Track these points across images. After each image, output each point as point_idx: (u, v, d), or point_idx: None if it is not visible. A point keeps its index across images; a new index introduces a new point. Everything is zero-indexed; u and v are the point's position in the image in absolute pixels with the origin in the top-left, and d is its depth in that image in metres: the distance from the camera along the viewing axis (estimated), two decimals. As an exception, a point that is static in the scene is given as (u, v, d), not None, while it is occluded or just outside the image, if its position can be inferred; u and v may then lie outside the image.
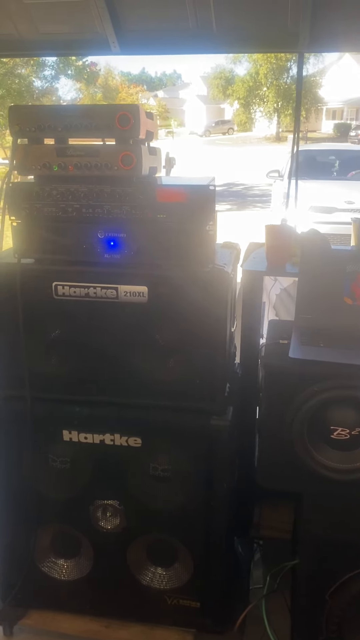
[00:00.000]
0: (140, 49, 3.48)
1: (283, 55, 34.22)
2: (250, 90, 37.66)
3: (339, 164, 9.27)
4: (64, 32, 3.34)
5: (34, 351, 1.74)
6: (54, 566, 2.00)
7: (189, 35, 3.19)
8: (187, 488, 1.80)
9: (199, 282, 1.61)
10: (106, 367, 1.73)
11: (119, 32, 3.18)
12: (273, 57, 34.99)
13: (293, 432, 1.60)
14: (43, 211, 1.62)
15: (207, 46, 3.45)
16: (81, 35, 3.32)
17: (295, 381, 1.56)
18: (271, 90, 36.71)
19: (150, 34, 3.28)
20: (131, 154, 1.54)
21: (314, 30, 3.05)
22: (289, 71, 37.15)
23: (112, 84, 41.06)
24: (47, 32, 3.31)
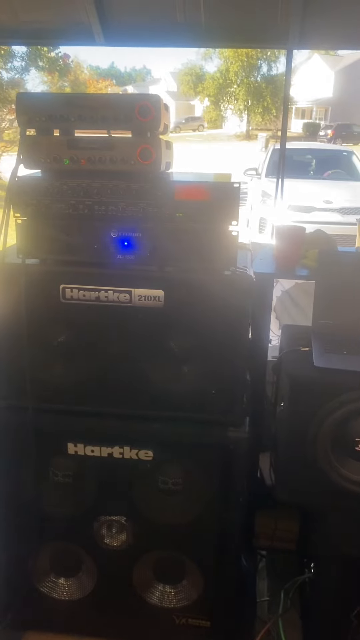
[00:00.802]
0: (125, 41, 3.37)
1: (254, 53, 34.36)
2: (221, 88, 37.64)
3: (315, 163, 9.30)
4: (46, 21, 3.20)
5: (37, 358, 1.61)
6: (54, 586, 1.88)
7: (177, 27, 3.10)
8: (199, 502, 1.70)
9: (220, 286, 1.51)
10: (116, 375, 1.62)
11: (104, 23, 3.06)
12: (244, 55, 35.09)
13: (317, 444, 1.53)
14: (51, 208, 1.49)
15: (194, 39, 3.36)
16: (64, 25, 3.19)
17: (321, 391, 1.49)
18: (241, 88, 36.78)
19: (136, 26, 3.18)
20: (150, 147, 1.43)
21: (304, 27, 3.00)
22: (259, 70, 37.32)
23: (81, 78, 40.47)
24: (28, 20, 3.16)
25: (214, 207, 1.47)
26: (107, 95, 1.43)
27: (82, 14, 2.97)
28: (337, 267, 1.72)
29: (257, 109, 36.91)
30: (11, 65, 14.81)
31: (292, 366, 1.56)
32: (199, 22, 3.00)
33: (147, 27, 3.17)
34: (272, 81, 36.30)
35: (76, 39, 3.29)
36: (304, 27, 2.99)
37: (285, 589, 1.96)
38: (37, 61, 14.83)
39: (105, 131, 1.50)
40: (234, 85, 37.23)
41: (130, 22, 3.12)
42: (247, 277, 1.52)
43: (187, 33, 3.13)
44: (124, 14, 3.05)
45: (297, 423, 1.55)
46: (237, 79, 36.68)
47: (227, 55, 35.51)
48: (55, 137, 1.48)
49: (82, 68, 44.17)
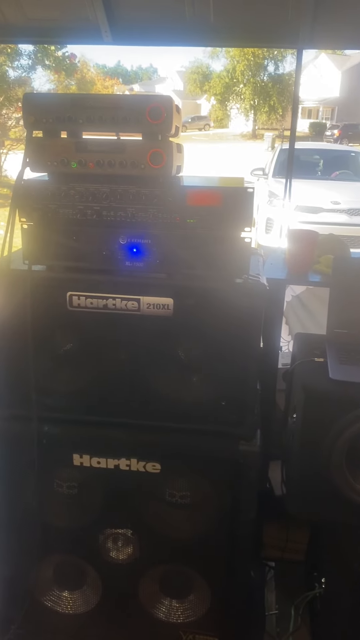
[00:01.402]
0: (133, 40, 3.32)
1: (260, 52, 34.27)
2: (227, 87, 37.57)
3: (323, 164, 9.22)
4: (54, 19, 3.16)
5: (43, 367, 1.56)
6: (58, 599, 1.83)
7: (185, 26, 3.04)
8: (207, 516, 1.66)
9: (232, 295, 1.45)
10: (123, 385, 1.57)
11: (112, 21, 3.02)
12: (250, 54, 35.00)
13: (331, 458, 1.47)
14: (58, 213, 1.44)
15: (203, 38, 3.31)
16: (72, 23, 3.14)
17: (337, 404, 1.43)
18: (248, 87, 36.69)
19: (144, 24, 3.13)
20: (161, 151, 1.38)
21: (314, 26, 2.94)
22: (266, 69, 37.22)
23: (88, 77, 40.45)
24: (35, 18, 3.12)
25: (227, 212, 1.42)
26: (117, 96, 1.38)
27: (89, 12, 2.92)
28: (352, 274, 1.66)
29: (263, 108, 36.82)
30: (18, 64, 14.78)
31: (306, 378, 1.51)
32: (208, 21, 2.95)
33: (155, 25, 3.12)
34: (278, 80, 36.22)
35: (84, 37, 3.24)
36: (314, 26, 2.93)
37: (295, 604, 1.90)
38: (44, 60, 14.77)
39: (113, 133, 1.45)
40: (240, 84, 37.15)
41: (138, 20, 3.07)
42: (260, 285, 1.47)
43: (196, 32, 3.08)
44: (131, 13, 3.00)
45: (310, 436, 1.50)
46: (244, 78, 36.60)
47: (234, 54, 35.43)
48: (62, 139, 1.43)
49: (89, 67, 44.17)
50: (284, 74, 36.62)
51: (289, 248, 1.93)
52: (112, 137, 1.44)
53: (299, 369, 1.58)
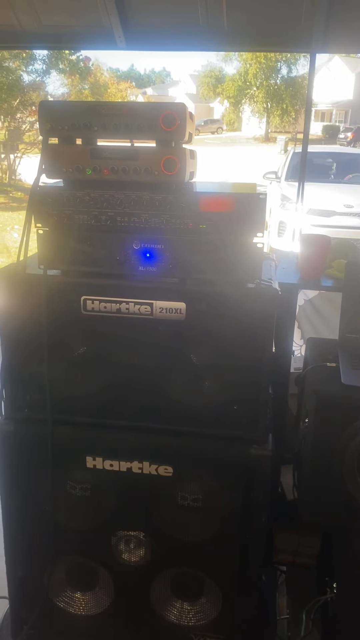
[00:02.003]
0: (147, 45, 3.35)
1: (273, 56, 34.25)
2: (240, 90, 37.59)
3: (336, 167, 9.20)
4: (68, 25, 3.20)
5: (57, 370, 1.58)
6: (70, 600, 1.85)
7: (199, 31, 3.07)
8: (219, 519, 1.66)
9: (244, 299, 1.46)
10: (136, 389, 1.58)
11: (125, 26, 3.05)
12: (263, 57, 35.00)
13: (343, 463, 1.47)
14: (73, 219, 1.47)
15: (216, 43, 3.33)
16: (85, 28, 3.18)
17: (349, 410, 1.43)
18: (261, 90, 36.69)
19: (158, 29, 3.15)
20: (175, 158, 1.39)
21: (328, 30, 2.95)
22: (279, 72, 37.19)
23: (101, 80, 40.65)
24: (49, 24, 3.16)
25: (239, 218, 1.43)
26: (132, 104, 1.39)
27: (104, 17, 2.96)
28: (364, 279, 1.67)
29: (276, 111, 36.80)
30: (32, 68, 14.93)
31: (318, 383, 1.51)
32: (221, 26, 2.97)
33: (168, 31, 3.14)
34: (291, 83, 36.17)
35: (98, 42, 3.28)
36: (327, 30, 2.93)
37: (306, 609, 1.90)
38: (58, 64, 14.90)
39: (127, 140, 1.47)
40: (253, 87, 37.14)
41: (151, 25, 3.10)
42: (272, 290, 1.48)
43: (209, 37, 3.10)
44: (145, 18, 3.03)
45: (322, 441, 1.50)
46: (257, 81, 36.61)
47: (247, 57, 35.45)
48: (78, 146, 1.45)
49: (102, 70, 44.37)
50: (297, 77, 36.58)
51: (301, 253, 1.93)
52: (126, 144, 1.46)
53: (311, 374, 1.58)
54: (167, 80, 67.35)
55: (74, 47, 9.01)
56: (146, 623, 1.80)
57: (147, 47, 3.40)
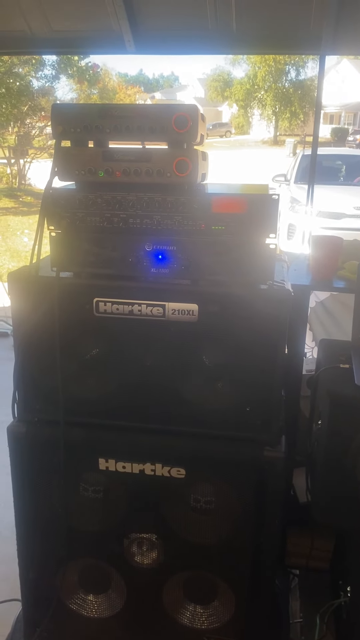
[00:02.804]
0: (156, 49, 3.37)
1: (281, 59, 34.27)
2: (249, 93, 37.63)
3: (345, 169, 9.18)
4: (78, 30, 3.22)
5: (70, 372, 1.59)
6: (83, 603, 1.85)
7: (208, 35, 3.08)
8: (231, 522, 1.65)
9: (257, 301, 1.46)
10: (148, 391, 1.58)
11: (135, 30, 3.06)
12: (271, 60, 35.03)
13: (357, 465, 1.46)
14: (86, 221, 1.47)
15: (225, 46, 3.34)
16: (95, 33, 3.20)
17: (363, 411, 1.43)
18: (269, 93, 36.70)
19: (167, 33, 3.17)
20: (187, 159, 1.39)
21: (337, 32, 2.94)
22: (287, 74, 37.18)
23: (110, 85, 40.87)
24: (60, 29, 3.18)
25: (252, 219, 1.43)
26: (143, 106, 1.40)
27: (113, 22, 2.97)
28: (377, 279, 1.66)
29: (284, 115, 36.79)
30: (42, 74, 15.02)
31: (332, 384, 1.50)
32: (230, 29, 2.98)
33: (178, 34, 3.16)
34: (300, 86, 36.16)
35: (107, 47, 3.30)
36: (337, 32, 2.93)
37: (320, 613, 1.89)
38: (67, 69, 14.98)
39: (139, 142, 1.48)
40: (261, 91, 37.16)
41: (161, 30, 3.11)
42: (285, 291, 1.47)
43: (218, 40, 3.10)
44: (154, 22, 3.05)
45: (336, 443, 1.49)
46: (265, 84, 36.63)
47: (255, 60, 35.49)
48: (90, 148, 1.46)
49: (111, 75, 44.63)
50: (306, 80, 36.57)
51: (312, 254, 1.93)
52: (138, 146, 1.46)
53: (323, 375, 1.57)
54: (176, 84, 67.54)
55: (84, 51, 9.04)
56: (159, 626, 1.80)
57: (157, 51, 3.42)
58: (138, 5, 2.92)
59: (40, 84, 15.24)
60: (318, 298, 2.67)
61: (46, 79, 15.26)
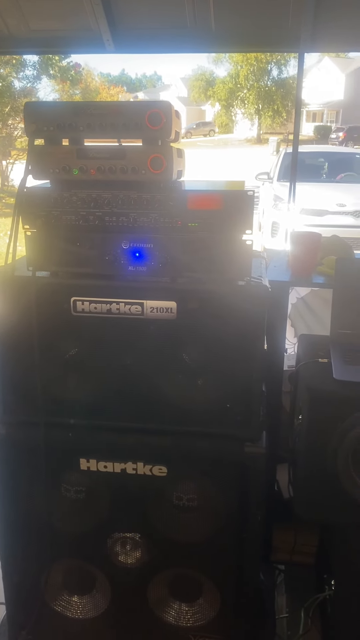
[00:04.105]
0: (135, 48, 3.35)
1: (263, 57, 34.36)
2: (231, 92, 37.68)
3: (327, 166, 9.23)
4: (56, 29, 3.20)
5: (48, 372, 1.57)
6: (67, 604, 1.84)
7: (187, 33, 3.07)
8: (214, 519, 1.65)
9: (235, 297, 1.46)
10: (129, 389, 1.57)
11: (113, 30, 3.05)
12: (253, 59, 35.10)
13: (337, 459, 1.47)
14: (61, 219, 1.46)
15: (205, 45, 3.33)
16: (74, 33, 3.18)
17: (342, 405, 1.43)
18: (252, 92, 36.78)
19: (146, 32, 3.16)
20: (161, 156, 1.39)
21: (315, 29, 2.95)
22: (269, 73, 37.29)
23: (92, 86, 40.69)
24: (38, 29, 3.16)
25: (228, 216, 1.43)
26: (117, 103, 1.39)
27: (92, 22, 2.96)
28: (355, 274, 1.67)
29: (267, 113, 36.89)
30: (23, 75, 14.92)
31: (311, 379, 1.51)
32: (209, 27, 2.97)
33: (156, 33, 3.14)
34: (282, 85, 36.30)
35: (86, 46, 3.28)
36: (315, 29, 2.94)
37: (305, 607, 1.89)
38: (49, 70, 14.91)
39: (115, 140, 1.47)
40: (244, 90, 37.24)
41: (139, 28, 3.10)
42: (263, 287, 1.47)
43: (197, 38, 3.10)
44: (133, 21, 3.03)
45: (316, 437, 1.50)
46: (247, 83, 36.71)
47: (237, 60, 35.56)
48: (64, 146, 1.45)
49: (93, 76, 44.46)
50: (288, 78, 36.70)
51: (292, 250, 1.93)
52: (114, 144, 1.46)
53: (303, 370, 1.58)
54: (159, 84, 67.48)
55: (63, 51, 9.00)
56: (144, 625, 1.79)
57: (136, 50, 3.40)
58: (116, 5, 2.90)
59: (22, 84, 15.16)
60: (299, 294, 2.69)
61: (28, 80, 15.19)
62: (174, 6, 2.89)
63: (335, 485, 1.50)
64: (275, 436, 2.04)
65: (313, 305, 2.73)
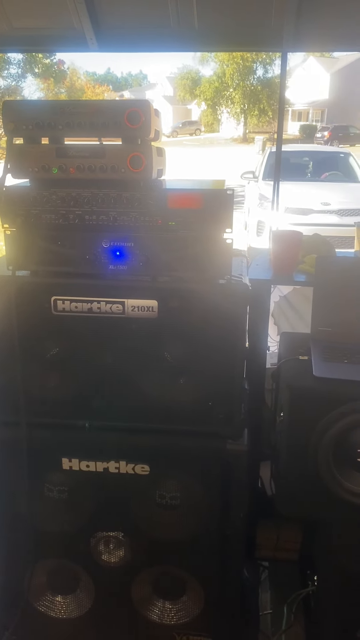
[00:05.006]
0: (119, 46, 3.33)
1: (249, 56, 34.42)
2: (217, 91, 37.71)
3: (312, 165, 9.27)
4: (39, 27, 3.17)
5: (30, 372, 1.57)
6: (51, 604, 1.83)
7: (170, 32, 3.07)
8: (197, 516, 1.66)
9: (215, 295, 1.47)
10: (110, 388, 1.57)
11: (97, 29, 3.04)
12: (239, 58, 35.15)
13: (318, 455, 1.48)
14: (41, 218, 1.46)
15: (188, 44, 3.33)
16: (57, 31, 3.17)
17: (322, 402, 1.44)
18: (238, 91, 36.85)
19: (129, 31, 3.15)
20: (141, 155, 1.39)
21: (298, 29, 2.97)
22: (255, 73, 37.39)
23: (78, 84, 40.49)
24: (21, 27, 3.14)
25: (208, 214, 1.43)
26: (96, 102, 1.38)
27: (75, 20, 2.94)
28: (335, 272, 1.68)
29: (253, 112, 36.99)
30: (7, 73, 14.81)
31: (291, 376, 1.52)
32: (192, 27, 2.97)
33: (140, 32, 3.14)
34: (267, 84, 36.40)
35: (70, 45, 3.26)
36: (298, 29, 2.95)
37: (288, 603, 1.91)
38: (33, 68, 14.82)
39: (96, 139, 1.47)
40: (230, 89, 37.29)
41: (123, 27, 3.09)
42: (243, 285, 1.48)
43: (181, 37, 3.10)
44: (116, 20, 3.02)
45: (297, 434, 1.51)
46: (233, 82, 36.76)
47: (223, 59, 35.58)
48: (43, 145, 1.44)
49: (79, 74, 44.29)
50: (274, 77, 36.81)
51: (273, 249, 1.94)
52: (94, 143, 1.45)
53: (284, 368, 1.59)
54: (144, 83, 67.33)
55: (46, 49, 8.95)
56: (128, 624, 1.80)
57: (119, 48, 3.39)
58: (99, 3, 2.89)
59: (7, 83, 15.05)
60: (282, 292, 2.70)
61: (12, 78, 15.09)
62: (157, 5, 2.89)
63: (316, 482, 1.51)
64: (258, 434, 2.05)
65: (296, 304, 2.74)
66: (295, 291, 2.75)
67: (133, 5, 2.98)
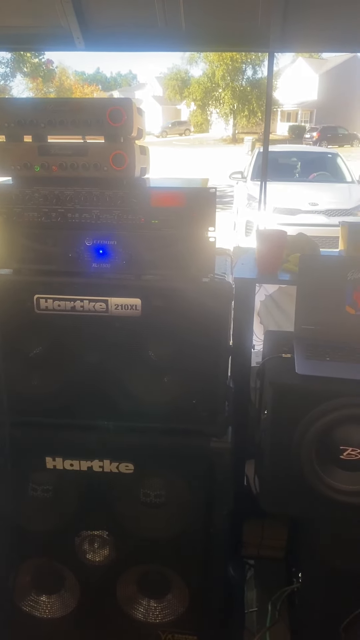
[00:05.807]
0: (106, 46, 3.33)
1: (238, 57, 34.48)
2: (207, 92, 37.73)
3: (300, 166, 9.31)
4: (26, 26, 3.16)
5: (12, 371, 1.56)
6: (36, 604, 1.83)
7: (157, 32, 3.07)
8: (182, 514, 1.66)
9: (198, 294, 1.47)
10: (94, 387, 1.57)
11: (84, 28, 3.03)
12: (228, 59, 35.19)
13: (301, 453, 1.49)
14: (23, 216, 1.45)
15: (175, 44, 3.33)
16: (44, 30, 3.15)
17: (305, 399, 1.45)
18: (227, 91, 36.89)
19: (116, 31, 3.14)
20: (123, 153, 1.39)
21: (285, 29, 2.98)
22: (244, 73, 37.45)
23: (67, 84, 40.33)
24: (7, 25, 3.12)
25: (191, 213, 1.43)
26: (78, 100, 1.39)
27: (62, 19, 2.94)
28: (318, 271, 1.69)
29: (242, 113, 37.05)
30: (-5, 72, 14.74)
31: (274, 374, 1.53)
32: (179, 27, 2.97)
33: (127, 32, 3.13)
34: (257, 85, 36.47)
35: (57, 44, 3.25)
36: (284, 30, 2.96)
37: (272, 600, 1.91)
38: (22, 67, 14.76)
39: (79, 137, 1.47)
40: (219, 89, 37.33)
41: (110, 27, 3.08)
42: (226, 284, 1.49)
43: (168, 37, 3.10)
44: (103, 19, 3.02)
45: (280, 432, 1.51)
46: (223, 82, 36.78)
47: (212, 59, 35.61)
48: (25, 143, 1.44)
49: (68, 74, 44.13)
50: (263, 78, 36.83)
51: (258, 248, 1.95)
52: (76, 141, 1.45)
53: (267, 366, 1.60)
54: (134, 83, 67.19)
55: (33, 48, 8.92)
56: (113, 622, 1.79)
57: (107, 48, 3.38)
58: (86, 3, 2.89)
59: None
60: (267, 291, 2.71)
61: (0, 77, 15.01)
62: (144, 5, 2.88)
63: (300, 480, 1.51)
64: (244, 432, 2.05)
65: (281, 302, 2.76)
66: (281, 290, 2.77)
67: (120, 5, 2.97)
